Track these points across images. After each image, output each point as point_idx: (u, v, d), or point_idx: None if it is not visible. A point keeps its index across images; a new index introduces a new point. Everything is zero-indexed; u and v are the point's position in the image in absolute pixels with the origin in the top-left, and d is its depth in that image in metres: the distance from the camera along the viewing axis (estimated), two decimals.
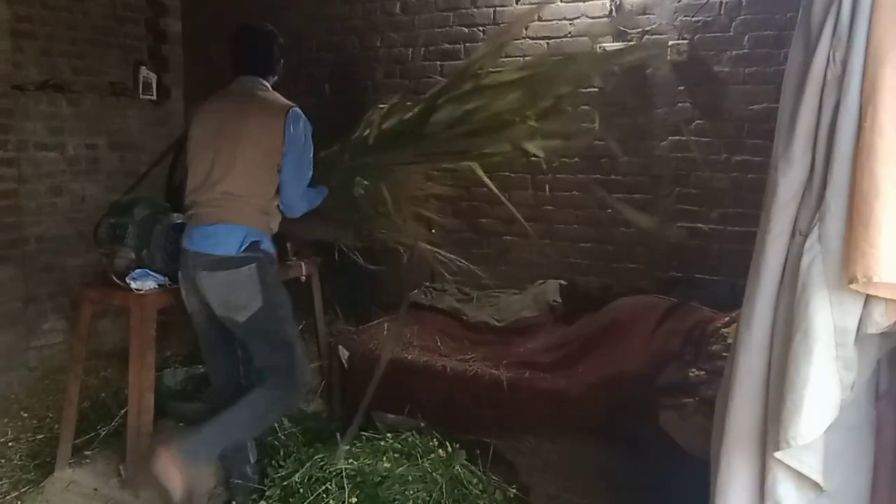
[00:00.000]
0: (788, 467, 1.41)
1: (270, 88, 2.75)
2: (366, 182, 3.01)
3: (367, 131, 2.92)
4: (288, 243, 3.11)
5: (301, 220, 2.78)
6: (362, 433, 2.82)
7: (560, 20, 4.07)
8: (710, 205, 3.84)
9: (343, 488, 2.43)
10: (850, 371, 1.37)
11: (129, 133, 4.85)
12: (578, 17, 4.03)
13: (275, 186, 2.58)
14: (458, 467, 2.63)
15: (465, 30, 4.34)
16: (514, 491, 2.72)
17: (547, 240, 4.24)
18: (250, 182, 2.53)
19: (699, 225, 3.87)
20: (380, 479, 2.48)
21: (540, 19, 4.12)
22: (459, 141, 2.74)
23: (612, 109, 4.02)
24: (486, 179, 2.78)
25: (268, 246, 2.58)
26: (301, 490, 2.50)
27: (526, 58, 4.17)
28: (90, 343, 3.16)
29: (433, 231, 3.49)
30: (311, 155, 2.65)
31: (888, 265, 1.22)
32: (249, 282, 2.46)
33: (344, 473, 2.48)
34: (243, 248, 2.47)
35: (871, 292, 1.30)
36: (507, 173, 4.24)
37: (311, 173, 2.67)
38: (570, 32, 4.06)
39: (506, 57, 4.21)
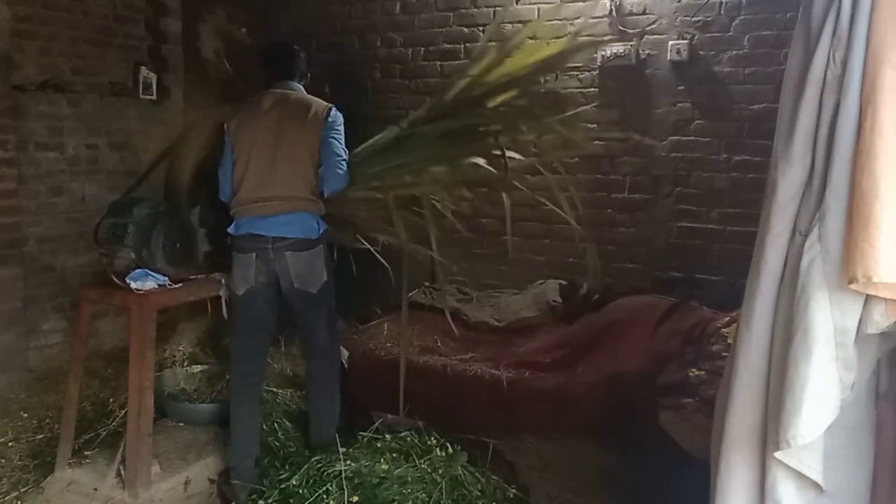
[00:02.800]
0: (788, 467, 1.41)
1: (304, 91, 2.99)
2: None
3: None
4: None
5: None
6: (361, 433, 2.82)
7: (560, 20, 4.07)
8: (710, 205, 3.84)
9: (343, 489, 2.43)
10: (850, 371, 1.37)
11: (129, 133, 4.85)
12: (578, 18, 4.03)
13: (317, 176, 2.87)
14: (458, 468, 2.63)
15: (465, 30, 4.34)
16: (514, 491, 2.72)
17: (546, 239, 4.25)
18: (308, 175, 2.82)
19: (699, 225, 3.87)
20: (378, 480, 2.48)
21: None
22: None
23: (612, 111, 4.04)
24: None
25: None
26: (300, 491, 2.49)
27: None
28: (90, 343, 3.16)
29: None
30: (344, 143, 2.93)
31: (888, 265, 1.22)
32: (323, 259, 2.87)
33: (343, 475, 2.48)
34: (320, 231, 2.84)
35: (871, 292, 1.29)
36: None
37: (346, 158, 2.92)
38: (570, 32, 4.05)
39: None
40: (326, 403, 2.98)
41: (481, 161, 2.93)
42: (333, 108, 2.88)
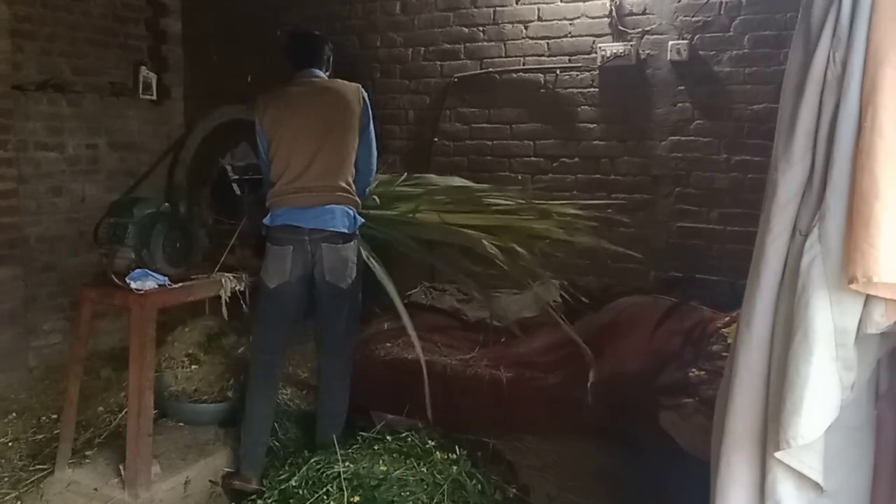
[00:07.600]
0: (788, 467, 1.41)
1: (327, 77, 3.02)
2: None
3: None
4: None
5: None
6: (360, 434, 2.81)
7: (560, 20, 4.07)
8: (710, 205, 3.84)
9: (343, 490, 2.43)
10: (850, 371, 1.37)
11: (129, 133, 4.85)
12: (578, 17, 4.03)
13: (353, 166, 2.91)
14: (458, 468, 2.62)
15: (465, 30, 4.34)
16: (514, 491, 2.72)
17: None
18: (348, 165, 2.86)
19: (699, 225, 3.87)
20: (377, 481, 2.47)
21: (540, 19, 4.13)
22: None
23: (612, 110, 4.03)
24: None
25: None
26: (300, 492, 2.49)
27: (527, 57, 4.18)
28: (90, 343, 3.16)
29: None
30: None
31: (888, 265, 1.22)
32: (356, 255, 2.88)
33: (342, 476, 2.47)
34: (356, 226, 2.86)
35: (871, 292, 1.29)
36: (507, 173, 4.25)
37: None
38: (570, 32, 4.06)
39: (506, 57, 4.24)
40: (335, 405, 2.95)
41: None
42: (361, 88, 2.91)
